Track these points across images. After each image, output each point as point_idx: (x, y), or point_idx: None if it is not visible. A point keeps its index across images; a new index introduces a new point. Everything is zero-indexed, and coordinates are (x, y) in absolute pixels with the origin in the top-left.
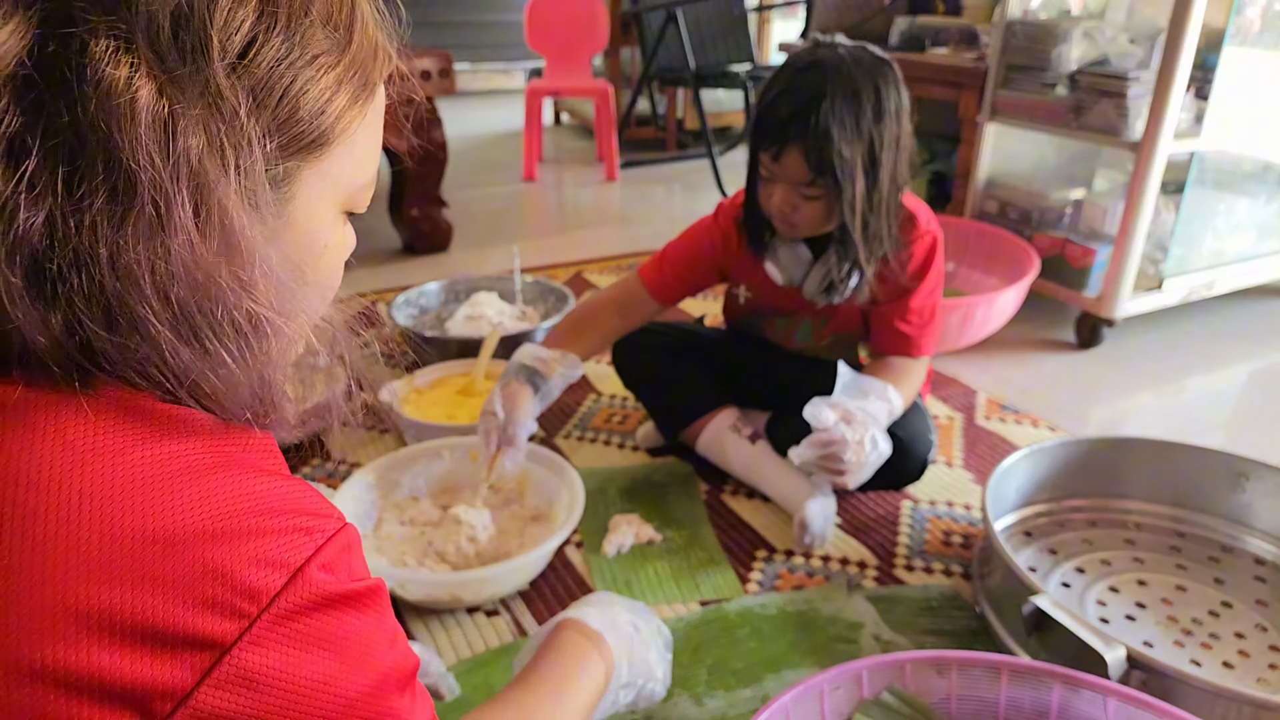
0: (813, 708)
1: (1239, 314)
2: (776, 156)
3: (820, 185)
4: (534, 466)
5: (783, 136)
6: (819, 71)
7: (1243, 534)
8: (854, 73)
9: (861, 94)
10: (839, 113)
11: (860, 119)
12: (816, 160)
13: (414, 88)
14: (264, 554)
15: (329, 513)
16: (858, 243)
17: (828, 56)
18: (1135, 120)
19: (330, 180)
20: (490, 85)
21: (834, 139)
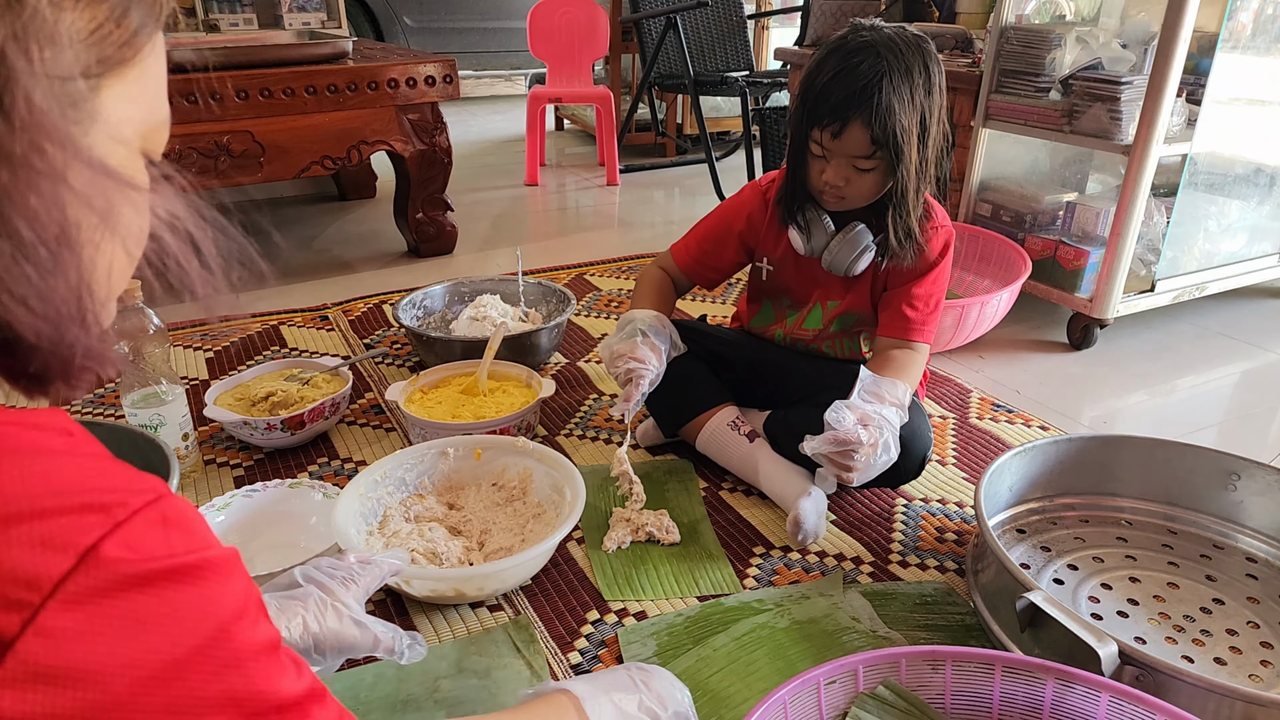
0: (809, 701)
1: (1230, 315)
2: (838, 133)
3: (878, 157)
4: (536, 464)
5: (844, 113)
6: (874, 51)
7: (1234, 531)
8: (904, 50)
9: (914, 69)
10: (898, 88)
11: (914, 92)
12: (880, 133)
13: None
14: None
15: (139, 487)
16: (911, 209)
17: (877, 37)
18: (1128, 124)
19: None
20: (493, 91)
21: (895, 112)
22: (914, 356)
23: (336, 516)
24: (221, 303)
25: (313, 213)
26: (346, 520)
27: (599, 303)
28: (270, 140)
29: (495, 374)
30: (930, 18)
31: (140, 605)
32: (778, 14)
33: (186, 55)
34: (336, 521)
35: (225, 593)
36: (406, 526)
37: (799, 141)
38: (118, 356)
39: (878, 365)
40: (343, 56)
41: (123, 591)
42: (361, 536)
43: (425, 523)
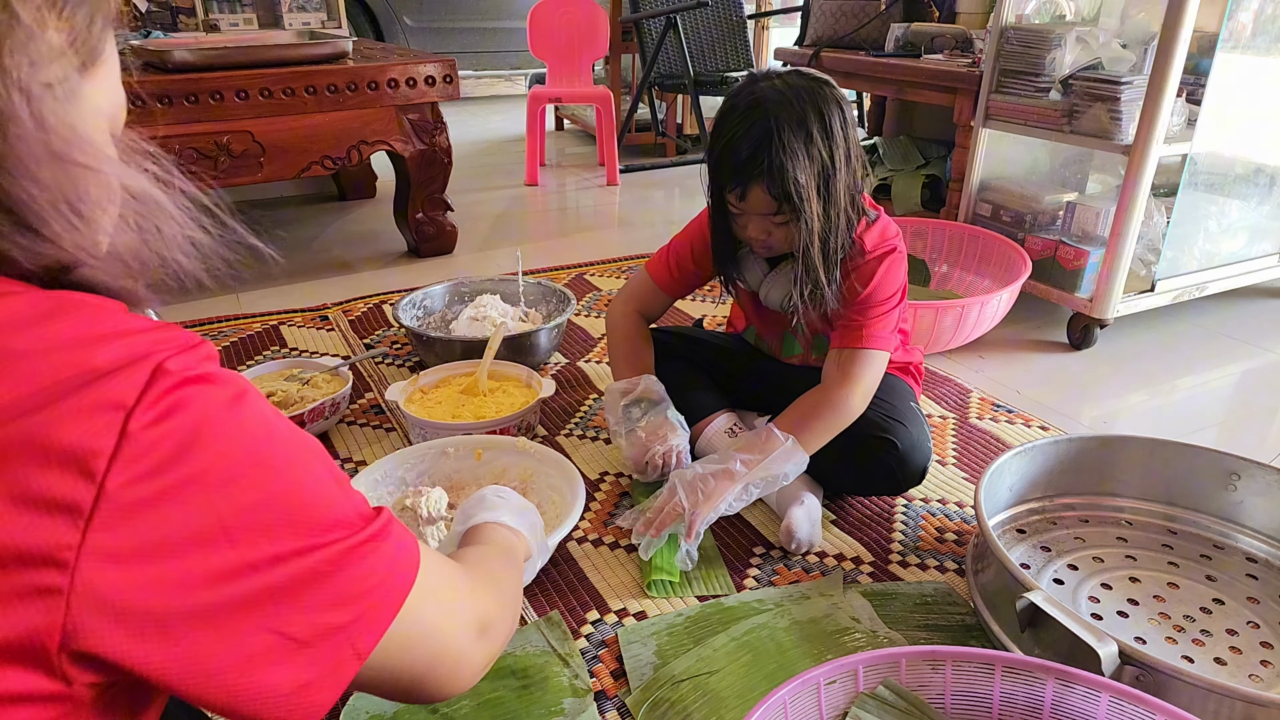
0: (810, 701)
1: (1230, 315)
2: (742, 196)
3: (786, 212)
4: (536, 465)
5: (745, 177)
6: (763, 109)
7: (1234, 532)
8: (795, 102)
9: (808, 120)
10: (789, 144)
11: (810, 144)
12: (778, 192)
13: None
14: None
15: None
16: (817, 261)
17: (768, 90)
18: (1128, 124)
19: (104, 96)
20: (493, 91)
21: (790, 170)
22: (860, 371)
23: None
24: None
25: (313, 213)
26: None
27: (599, 303)
28: (270, 140)
29: (495, 374)
30: (930, 18)
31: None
32: (778, 14)
33: (186, 55)
34: None
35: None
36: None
37: (719, 202)
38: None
39: (811, 397)
40: (343, 56)
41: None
42: None
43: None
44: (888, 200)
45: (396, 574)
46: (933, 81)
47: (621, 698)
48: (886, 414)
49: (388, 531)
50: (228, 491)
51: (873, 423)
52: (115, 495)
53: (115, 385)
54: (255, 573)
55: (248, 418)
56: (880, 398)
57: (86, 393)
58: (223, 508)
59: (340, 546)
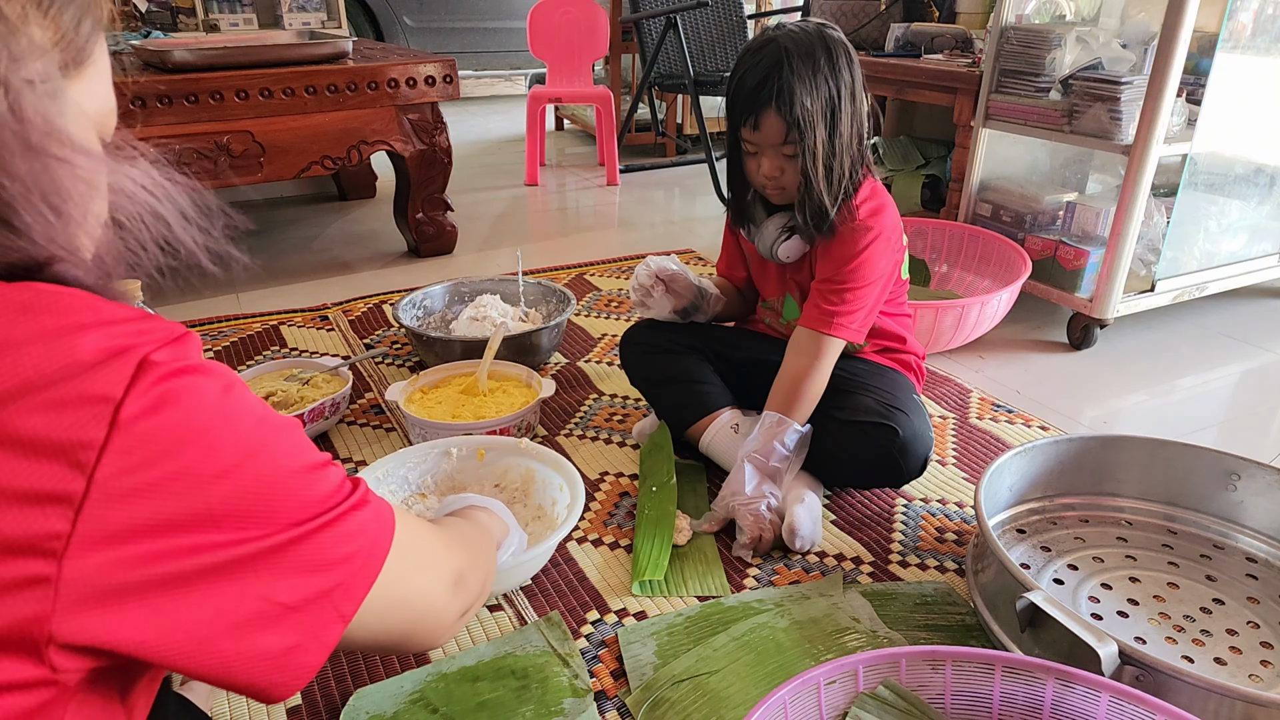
0: (810, 701)
1: (1230, 314)
2: (756, 125)
3: (794, 141)
4: (538, 466)
5: (756, 104)
6: (774, 44)
7: (1234, 531)
8: (804, 38)
9: (815, 51)
10: (798, 70)
11: (817, 72)
12: (788, 116)
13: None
14: (109, 342)
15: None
16: (819, 188)
17: (778, 32)
18: (1128, 124)
19: (91, 98)
20: (493, 91)
21: (798, 93)
22: (823, 353)
23: None
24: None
25: (313, 213)
26: None
27: (599, 303)
28: (270, 140)
29: (495, 374)
30: (930, 18)
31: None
32: (778, 14)
33: (186, 55)
34: None
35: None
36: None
37: (734, 144)
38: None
39: (785, 377)
40: (343, 56)
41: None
42: None
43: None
44: None
45: (375, 538)
46: (933, 81)
47: (621, 698)
48: (888, 403)
49: (365, 500)
50: (217, 482)
51: (873, 410)
52: (105, 485)
53: (102, 377)
54: (240, 547)
55: (234, 408)
56: (881, 388)
57: (73, 384)
58: (212, 497)
59: (322, 519)
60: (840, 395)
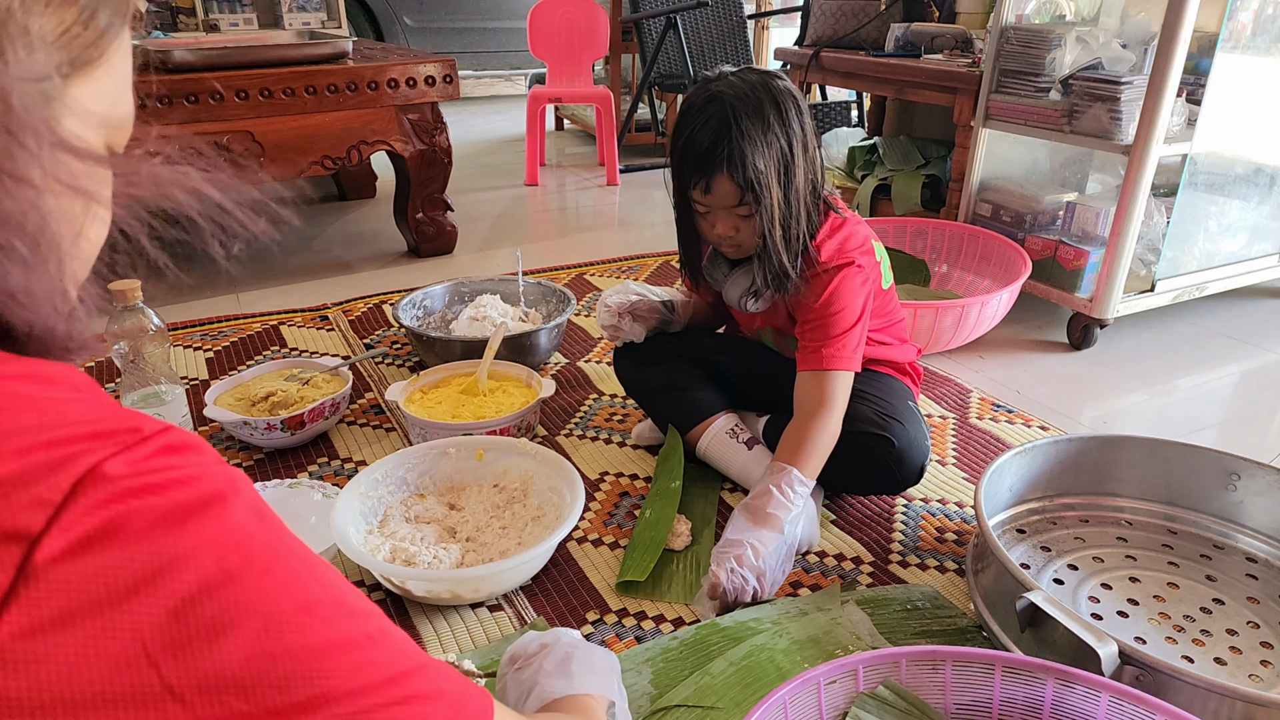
0: (809, 701)
1: (1230, 315)
2: (707, 189)
3: (749, 202)
4: (537, 466)
5: (706, 168)
6: (719, 101)
7: (1234, 531)
8: (750, 93)
9: (764, 108)
10: (748, 131)
11: (767, 132)
12: (741, 179)
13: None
14: (50, 461)
15: (149, 420)
16: (779, 249)
17: (722, 86)
18: (1128, 124)
19: (98, 102)
20: (493, 91)
21: (749, 156)
22: (830, 395)
23: (336, 515)
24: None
25: (313, 213)
26: (345, 519)
27: (599, 303)
28: (270, 140)
29: (495, 374)
30: (930, 18)
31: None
32: (778, 14)
33: (186, 55)
34: (335, 520)
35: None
36: (405, 527)
37: (683, 203)
38: (94, 342)
39: (794, 428)
40: (343, 56)
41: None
42: (361, 536)
43: (423, 523)
44: (887, 200)
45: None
46: (933, 82)
47: None
48: (883, 412)
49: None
50: (179, 660)
51: (870, 420)
52: (8, 644)
53: (17, 503)
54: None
55: (222, 541)
56: (877, 396)
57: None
58: (169, 675)
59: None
60: None
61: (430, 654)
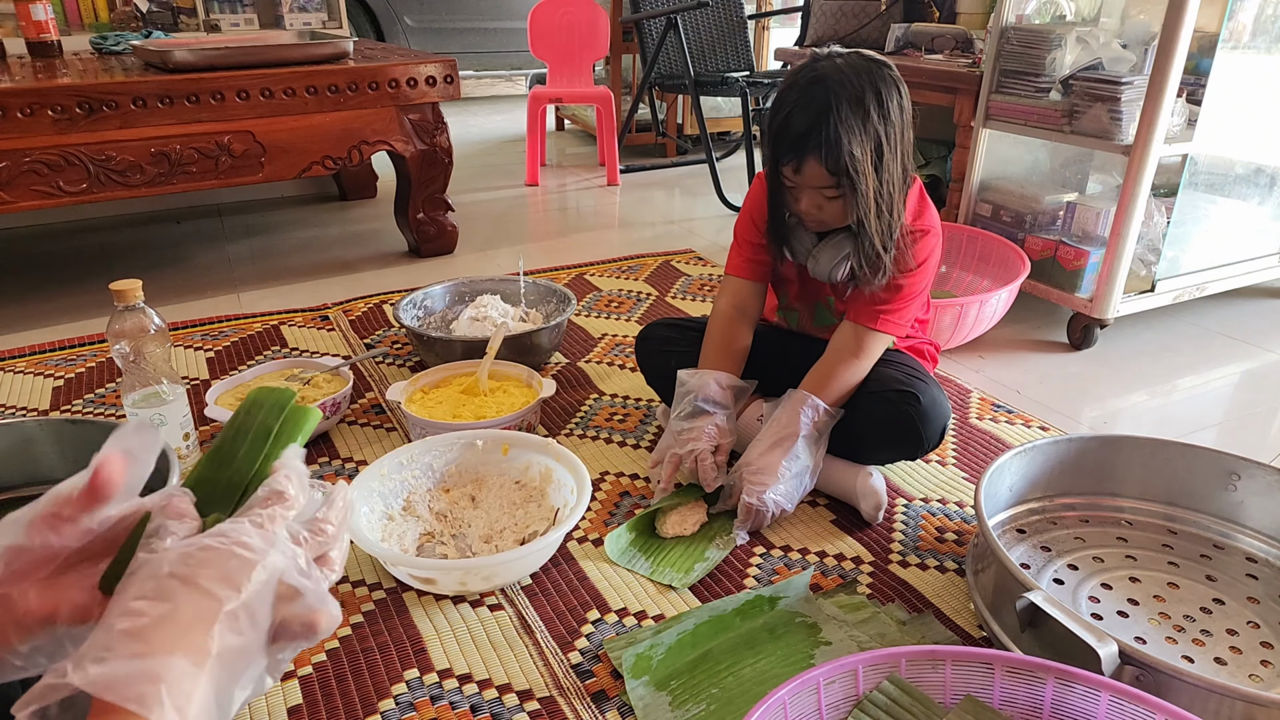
0: (809, 701)
1: (1230, 315)
2: (798, 168)
3: (840, 186)
4: (556, 465)
5: (801, 149)
6: (824, 85)
7: (1234, 531)
8: (855, 79)
9: (865, 97)
10: (847, 119)
11: (866, 121)
12: (834, 165)
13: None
14: None
15: None
16: (873, 234)
17: (828, 68)
18: (1128, 124)
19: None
20: (494, 91)
21: (845, 144)
22: (867, 348)
23: (350, 492)
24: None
25: (313, 213)
26: (360, 497)
27: (599, 303)
28: (271, 140)
29: (496, 374)
30: (930, 18)
31: None
32: (778, 14)
33: (187, 55)
34: (349, 496)
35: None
36: (408, 519)
37: (774, 174)
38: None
39: (823, 363)
40: (343, 57)
41: None
42: (377, 515)
43: (430, 515)
44: None
45: None
46: (933, 82)
47: (622, 698)
48: (907, 374)
49: None
50: None
51: (895, 380)
52: None
53: None
54: None
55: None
56: (901, 363)
57: None
58: None
59: None
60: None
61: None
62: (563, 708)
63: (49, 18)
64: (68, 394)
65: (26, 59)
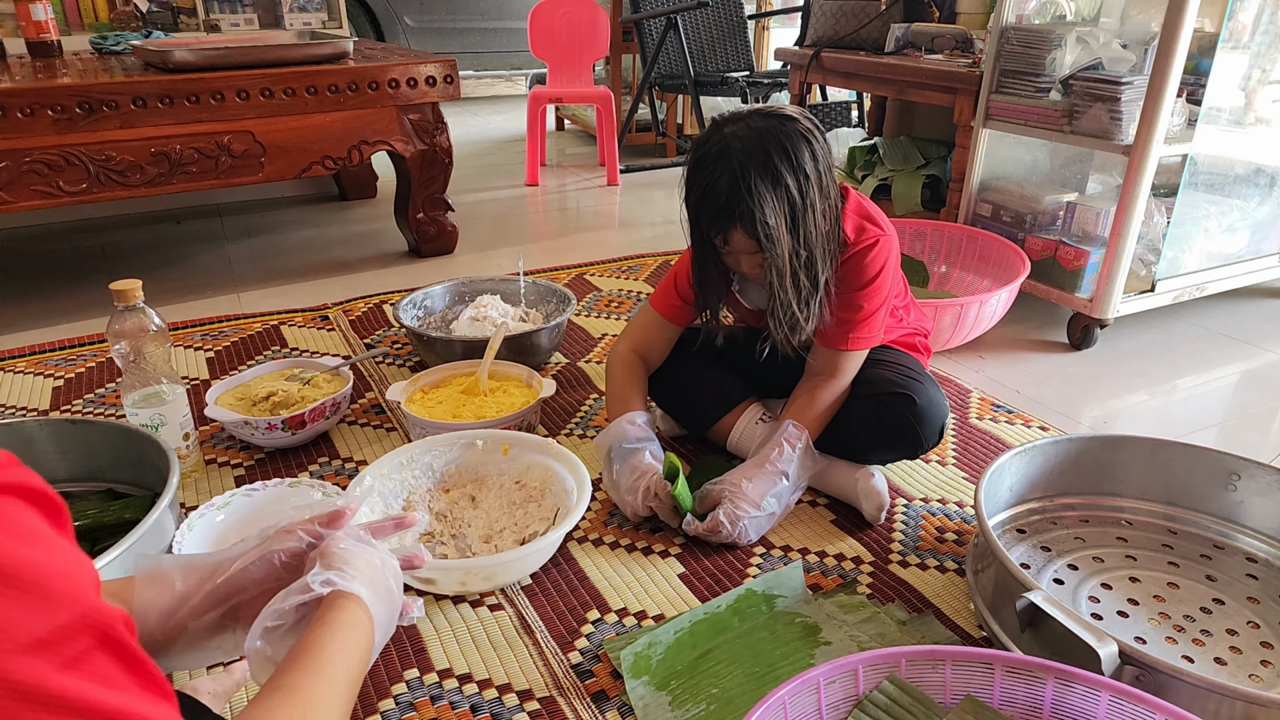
0: (809, 701)
1: (1230, 315)
2: (726, 240)
3: (766, 249)
4: (557, 465)
5: (724, 222)
6: (729, 158)
7: (1234, 531)
8: (759, 145)
9: (771, 160)
10: (756, 189)
11: (777, 186)
12: (753, 233)
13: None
14: None
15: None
16: (789, 298)
17: (731, 139)
18: (1128, 124)
19: None
20: (494, 91)
21: (759, 213)
22: (843, 368)
23: (350, 489)
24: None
25: (313, 213)
26: (359, 495)
27: (599, 303)
28: (271, 140)
29: (496, 374)
30: (930, 18)
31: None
32: (778, 14)
33: (187, 55)
34: (350, 494)
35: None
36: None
37: (702, 244)
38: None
39: (804, 391)
40: (343, 57)
41: None
42: (377, 515)
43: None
44: (888, 200)
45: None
46: (933, 82)
47: (622, 698)
48: (903, 374)
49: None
50: None
51: (891, 382)
52: None
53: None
54: None
55: None
56: (895, 363)
57: None
58: None
59: None
60: (858, 375)
61: (432, 653)
62: (563, 708)
63: (49, 18)
64: (68, 394)
65: (26, 59)
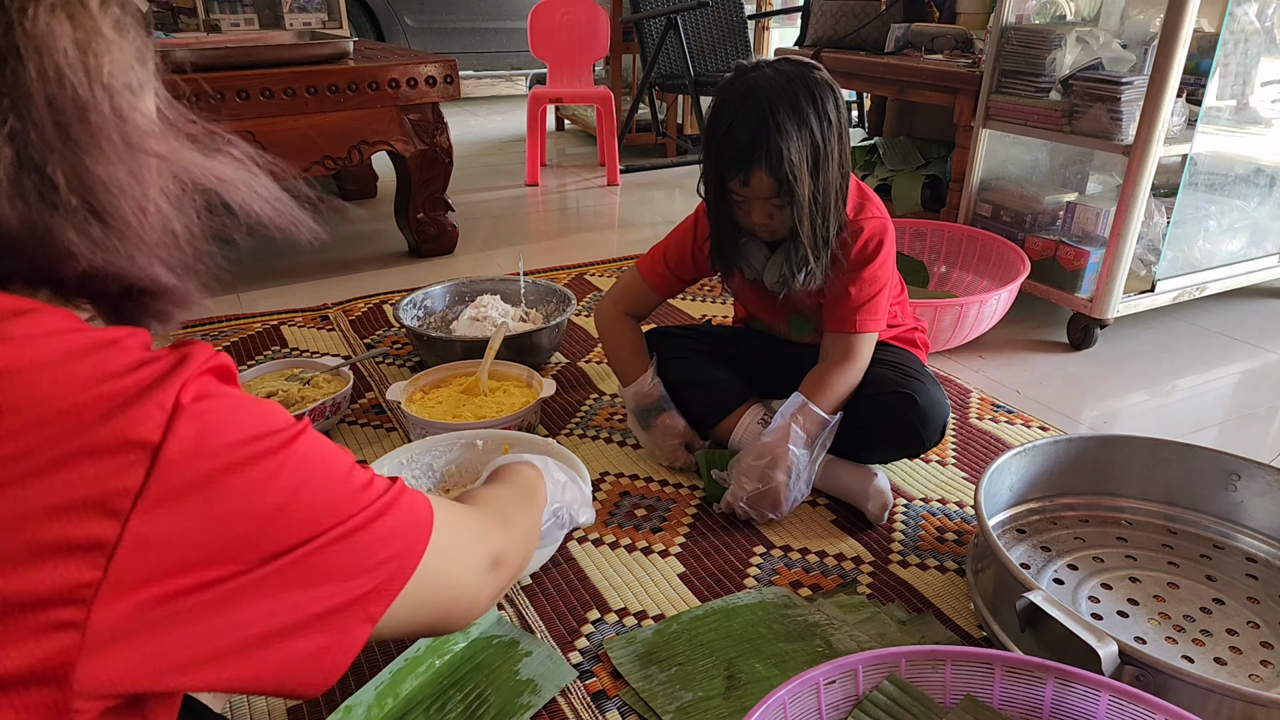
0: (809, 701)
1: (1230, 315)
2: (745, 181)
3: (785, 194)
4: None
5: (746, 162)
6: (758, 95)
7: (1234, 531)
8: (787, 86)
9: (800, 102)
10: (785, 127)
11: (803, 127)
12: (779, 173)
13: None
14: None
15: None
16: (805, 240)
17: (759, 78)
18: (1128, 124)
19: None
20: (494, 91)
21: (786, 152)
22: (856, 350)
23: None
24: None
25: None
26: None
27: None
28: (271, 140)
29: (496, 374)
30: (930, 18)
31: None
32: (778, 14)
33: (186, 55)
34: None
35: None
36: None
37: (718, 189)
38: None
39: (816, 371)
40: (343, 57)
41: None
42: None
43: None
44: (888, 200)
45: (411, 542)
46: (933, 82)
47: (622, 698)
48: (903, 373)
49: (398, 500)
50: (250, 513)
51: (891, 381)
52: (139, 530)
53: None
54: (271, 564)
55: (261, 431)
56: (895, 362)
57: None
58: (245, 526)
59: (354, 523)
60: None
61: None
62: (563, 708)
63: None
64: None
65: None
